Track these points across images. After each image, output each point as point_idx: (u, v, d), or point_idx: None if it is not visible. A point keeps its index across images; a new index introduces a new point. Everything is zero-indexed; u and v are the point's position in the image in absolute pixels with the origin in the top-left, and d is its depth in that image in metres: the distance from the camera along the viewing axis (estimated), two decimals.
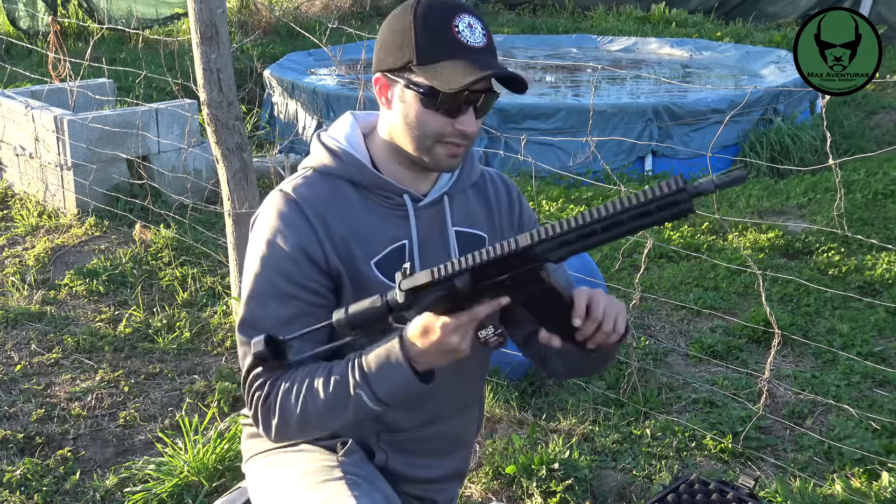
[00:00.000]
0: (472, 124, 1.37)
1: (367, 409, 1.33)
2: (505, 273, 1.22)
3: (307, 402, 1.35)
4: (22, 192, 5.12)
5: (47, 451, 2.67)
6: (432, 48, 1.33)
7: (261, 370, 1.37)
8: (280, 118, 6.92)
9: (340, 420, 1.36)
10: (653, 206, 1.12)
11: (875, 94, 7.58)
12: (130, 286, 3.84)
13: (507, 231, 1.59)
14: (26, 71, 6.20)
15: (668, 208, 1.12)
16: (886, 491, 2.32)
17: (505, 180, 1.63)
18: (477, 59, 1.33)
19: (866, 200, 4.86)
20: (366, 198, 1.45)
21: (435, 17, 1.33)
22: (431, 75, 1.32)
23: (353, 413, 1.34)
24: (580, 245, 1.21)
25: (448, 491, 1.65)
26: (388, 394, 1.32)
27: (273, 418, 1.37)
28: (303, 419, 1.35)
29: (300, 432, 1.39)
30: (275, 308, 1.39)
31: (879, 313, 3.51)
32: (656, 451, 2.63)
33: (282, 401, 1.36)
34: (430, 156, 1.40)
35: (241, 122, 3.11)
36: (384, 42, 1.39)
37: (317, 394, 1.34)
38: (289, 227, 1.40)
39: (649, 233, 4.29)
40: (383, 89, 1.41)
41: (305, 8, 10.45)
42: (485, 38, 1.35)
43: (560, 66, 8.41)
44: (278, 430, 1.39)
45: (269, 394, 1.38)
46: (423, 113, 1.36)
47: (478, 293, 1.24)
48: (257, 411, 1.39)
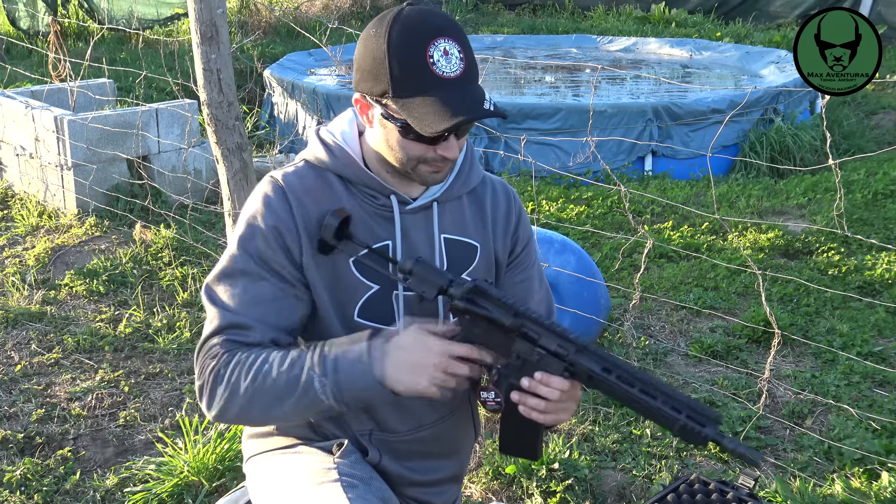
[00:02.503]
0: (453, 150, 1.36)
1: (315, 397, 1.32)
2: (542, 349, 1.36)
3: (258, 377, 1.33)
4: (22, 192, 5.13)
5: (47, 451, 2.67)
6: (406, 82, 1.31)
7: (221, 339, 1.37)
8: (280, 118, 6.92)
9: (285, 405, 1.34)
10: (686, 408, 1.28)
11: (875, 94, 7.59)
12: (130, 286, 3.84)
13: (500, 243, 1.57)
14: (26, 71, 6.21)
15: (694, 422, 1.27)
16: (886, 491, 2.32)
17: (507, 191, 1.61)
18: (453, 94, 1.30)
19: (866, 200, 4.87)
20: (353, 195, 1.46)
21: (408, 47, 1.30)
22: (407, 111, 1.31)
23: (300, 400, 1.33)
24: (613, 385, 1.33)
25: (445, 494, 1.64)
26: (341, 383, 1.32)
27: (220, 387, 1.35)
28: (249, 394, 1.34)
29: (242, 411, 1.36)
30: (245, 286, 1.40)
31: (879, 313, 3.51)
32: (656, 451, 2.63)
33: (234, 369, 1.35)
34: (416, 174, 1.41)
35: (241, 122, 3.11)
36: (361, 65, 1.37)
37: (270, 369, 1.33)
38: (270, 211, 1.41)
39: (649, 233, 4.29)
40: (364, 109, 1.41)
41: (305, 8, 10.45)
42: (462, 65, 1.31)
43: (560, 66, 8.41)
44: (223, 404, 1.36)
45: (222, 363, 1.36)
46: (402, 141, 1.36)
47: (505, 340, 1.37)
48: (206, 380, 1.37)
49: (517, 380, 1.36)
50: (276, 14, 9.35)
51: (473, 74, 1.35)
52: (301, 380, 1.33)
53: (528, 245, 1.62)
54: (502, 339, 1.37)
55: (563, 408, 1.38)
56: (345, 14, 10.52)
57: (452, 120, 1.29)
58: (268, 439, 1.58)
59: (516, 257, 1.61)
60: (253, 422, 1.47)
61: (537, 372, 1.35)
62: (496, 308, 1.36)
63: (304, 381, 1.32)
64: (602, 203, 4.91)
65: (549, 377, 1.34)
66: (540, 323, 1.36)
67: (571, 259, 3.09)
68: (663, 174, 5.69)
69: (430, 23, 1.32)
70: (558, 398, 1.34)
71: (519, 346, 1.37)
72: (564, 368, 1.34)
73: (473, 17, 11.71)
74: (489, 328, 1.37)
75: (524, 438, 1.45)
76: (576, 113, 5.80)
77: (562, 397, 1.35)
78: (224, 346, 1.37)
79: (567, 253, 3.12)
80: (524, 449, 1.48)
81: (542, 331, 1.35)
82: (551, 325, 1.36)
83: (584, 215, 4.72)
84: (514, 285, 1.60)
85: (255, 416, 1.38)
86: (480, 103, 1.32)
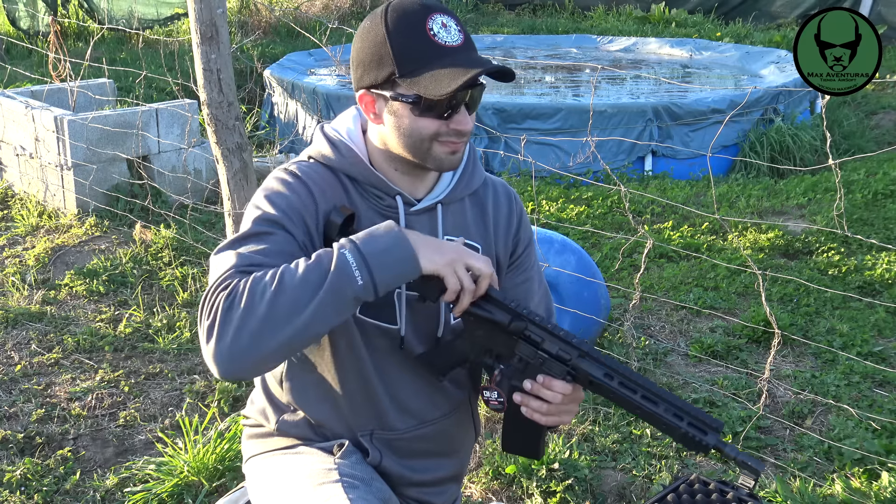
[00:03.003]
0: (466, 122, 1.37)
1: (348, 279, 1.23)
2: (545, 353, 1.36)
3: (284, 274, 1.23)
4: (22, 192, 5.13)
5: (47, 451, 2.67)
6: (412, 57, 1.32)
7: (234, 271, 1.27)
8: (280, 118, 6.93)
9: (314, 300, 1.21)
10: (689, 416, 1.29)
11: (875, 94, 7.59)
12: (130, 286, 3.84)
13: (501, 244, 1.58)
14: (26, 71, 6.21)
15: (696, 430, 1.29)
16: (886, 491, 2.32)
17: (508, 192, 1.61)
18: (458, 59, 1.33)
19: (866, 200, 4.87)
20: (360, 193, 1.45)
21: (407, 25, 1.33)
22: (417, 84, 1.32)
23: (332, 288, 1.22)
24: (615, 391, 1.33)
25: (445, 494, 1.64)
26: (377, 251, 1.25)
27: (234, 311, 1.21)
28: (275, 295, 1.21)
29: (262, 326, 1.20)
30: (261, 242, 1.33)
31: (879, 313, 3.51)
32: (656, 451, 2.63)
33: (253, 282, 1.23)
34: (431, 158, 1.40)
35: (241, 122, 3.11)
36: (361, 60, 1.38)
37: (296, 266, 1.24)
38: (291, 190, 1.39)
39: (649, 233, 4.29)
40: (369, 105, 1.41)
41: (305, 8, 10.45)
42: (461, 35, 1.35)
43: (560, 66, 8.42)
44: (237, 326, 1.20)
45: (238, 283, 1.24)
46: (415, 120, 1.36)
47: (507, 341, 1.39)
48: (216, 312, 1.22)
49: (519, 382, 1.37)
50: (276, 14, 9.35)
51: (473, 45, 1.37)
52: (332, 262, 1.24)
53: (529, 246, 1.63)
54: (505, 340, 1.38)
55: (566, 410, 1.39)
56: (345, 14, 10.53)
57: (465, 76, 1.30)
58: (268, 440, 1.58)
59: (517, 259, 1.61)
60: (272, 340, 1.22)
61: (540, 375, 1.35)
62: (498, 310, 1.37)
63: (337, 263, 1.24)
64: (602, 203, 4.91)
65: (552, 381, 1.35)
66: (543, 326, 1.36)
67: (571, 259, 3.09)
68: (663, 174, 5.69)
69: (424, 3, 1.35)
70: (560, 401, 1.35)
71: (522, 349, 1.38)
72: (567, 372, 1.35)
73: (473, 17, 11.72)
74: (492, 330, 1.38)
75: (526, 438, 1.46)
76: (576, 113, 5.80)
77: (564, 400, 1.36)
78: (239, 275, 1.26)
79: (567, 253, 3.12)
80: (526, 448, 1.49)
81: (544, 334, 1.36)
82: (554, 329, 1.36)
83: (584, 215, 4.72)
84: (514, 286, 1.60)
85: (276, 328, 1.21)
86: (488, 61, 1.34)
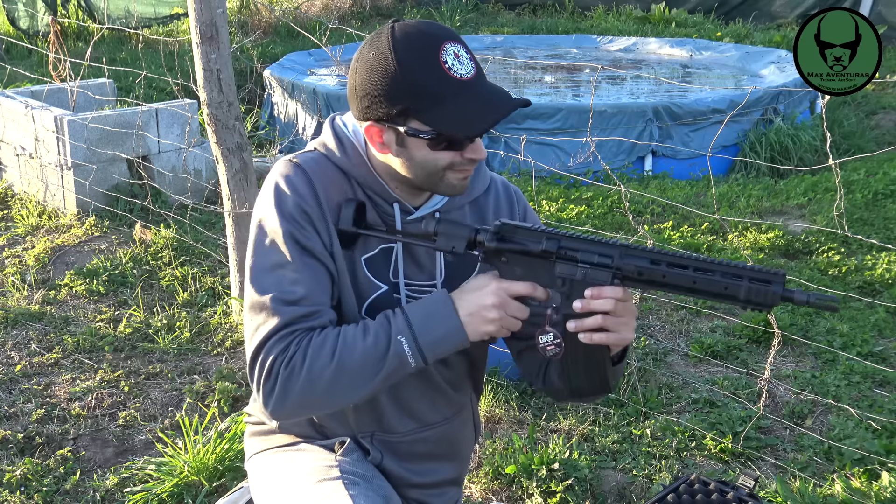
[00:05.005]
0: (480, 151, 1.35)
1: (404, 362, 1.31)
2: (585, 264, 1.29)
3: (343, 354, 1.30)
4: (22, 192, 5.13)
5: (47, 451, 2.67)
6: (429, 93, 1.28)
7: (287, 331, 1.30)
8: (280, 118, 6.93)
9: (373, 377, 1.31)
10: (747, 272, 1.21)
11: (875, 94, 7.59)
12: (130, 286, 3.84)
13: None
14: (26, 71, 6.21)
15: (759, 283, 1.20)
16: (886, 491, 2.32)
17: (509, 191, 1.60)
18: (478, 93, 1.30)
19: (866, 200, 4.87)
20: (360, 194, 1.45)
21: (420, 59, 1.28)
22: (439, 121, 1.29)
23: (389, 369, 1.30)
24: (668, 274, 1.26)
25: (445, 496, 1.64)
26: (431, 342, 1.30)
27: (295, 380, 1.29)
28: (335, 374, 1.29)
29: (325, 395, 1.30)
30: (292, 273, 1.34)
31: (879, 313, 3.51)
32: (656, 451, 2.63)
33: (313, 354, 1.29)
34: (443, 185, 1.38)
35: (241, 122, 3.11)
36: (367, 91, 1.32)
37: (353, 344, 1.30)
38: (295, 193, 1.37)
39: (649, 233, 4.29)
40: (376, 136, 1.36)
41: (305, 8, 10.45)
42: (473, 65, 1.31)
43: (560, 66, 8.41)
44: (300, 394, 1.29)
45: (295, 351, 1.30)
46: (430, 153, 1.33)
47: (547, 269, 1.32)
48: (276, 378, 1.29)
49: (569, 308, 1.30)
50: (276, 14, 9.35)
51: (483, 71, 1.35)
52: (389, 347, 1.30)
53: None
54: (544, 268, 1.33)
55: (623, 322, 1.30)
56: (345, 14, 10.53)
57: (492, 115, 1.29)
58: (270, 437, 1.58)
59: None
60: (326, 408, 1.39)
61: (587, 289, 1.29)
62: (528, 238, 1.33)
63: (395, 350, 1.30)
64: (602, 203, 4.91)
65: (600, 289, 1.27)
66: (576, 238, 1.31)
67: None
68: (663, 174, 5.69)
69: (431, 31, 1.30)
70: (614, 308, 1.27)
71: (560, 269, 1.31)
72: (612, 275, 1.28)
73: (473, 17, 11.71)
74: (529, 263, 1.33)
75: (589, 371, 1.37)
76: (576, 113, 5.81)
77: (618, 308, 1.28)
78: (295, 336, 1.31)
79: None
80: (591, 382, 1.39)
81: (579, 245, 1.30)
82: (587, 237, 1.30)
83: (584, 215, 4.72)
84: None
85: (332, 402, 1.34)
86: (508, 96, 1.32)
